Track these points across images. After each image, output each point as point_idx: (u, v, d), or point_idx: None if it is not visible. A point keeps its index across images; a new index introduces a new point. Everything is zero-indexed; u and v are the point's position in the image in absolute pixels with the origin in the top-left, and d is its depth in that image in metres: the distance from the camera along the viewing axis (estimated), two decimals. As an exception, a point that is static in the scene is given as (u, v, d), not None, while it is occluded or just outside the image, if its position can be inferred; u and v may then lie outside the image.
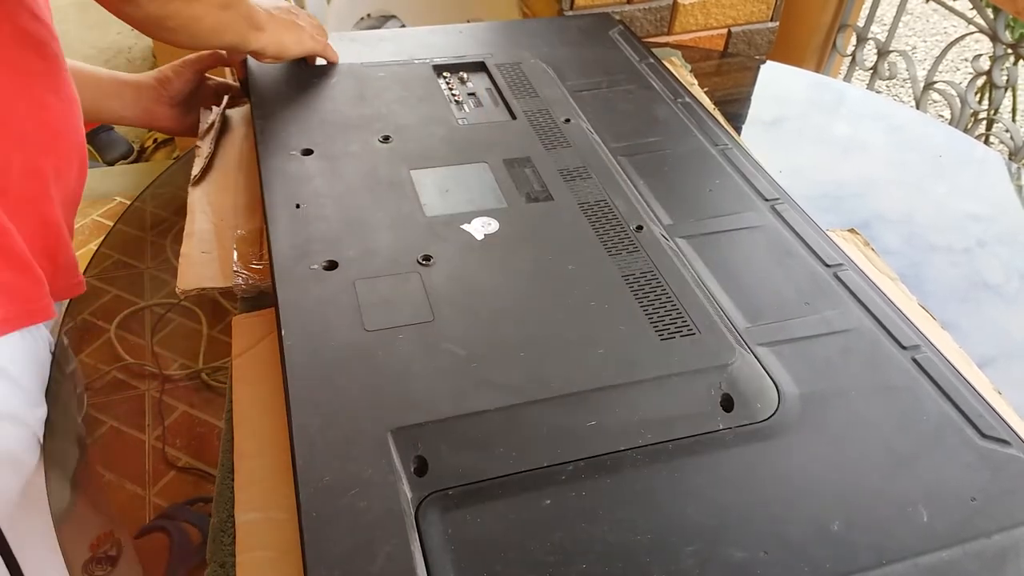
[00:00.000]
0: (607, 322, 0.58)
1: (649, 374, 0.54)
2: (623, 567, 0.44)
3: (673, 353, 0.55)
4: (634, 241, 0.65)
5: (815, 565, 0.44)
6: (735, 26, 1.33)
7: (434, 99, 0.83)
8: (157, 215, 1.01)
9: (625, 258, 0.63)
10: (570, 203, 0.69)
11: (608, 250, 0.64)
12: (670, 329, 0.57)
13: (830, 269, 0.64)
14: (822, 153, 0.99)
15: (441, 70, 0.89)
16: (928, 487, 0.49)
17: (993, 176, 0.99)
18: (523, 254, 0.63)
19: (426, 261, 0.62)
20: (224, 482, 0.57)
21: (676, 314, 0.58)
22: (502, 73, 0.88)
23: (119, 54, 2.60)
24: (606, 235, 0.65)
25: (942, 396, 0.55)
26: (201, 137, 0.86)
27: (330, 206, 0.67)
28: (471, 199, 0.69)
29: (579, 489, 0.48)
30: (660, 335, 0.57)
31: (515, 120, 0.80)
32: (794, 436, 0.52)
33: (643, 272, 0.62)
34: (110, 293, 0.83)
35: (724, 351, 0.56)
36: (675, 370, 0.54)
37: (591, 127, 0.80)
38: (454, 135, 0.77)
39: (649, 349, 0.56)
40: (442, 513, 0.46)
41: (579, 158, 0.74)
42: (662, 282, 0.61)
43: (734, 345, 0.56)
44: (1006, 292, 0.80)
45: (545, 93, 0.84)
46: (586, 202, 0.69)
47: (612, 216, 0.67)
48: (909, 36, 2.93)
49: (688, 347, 0.56)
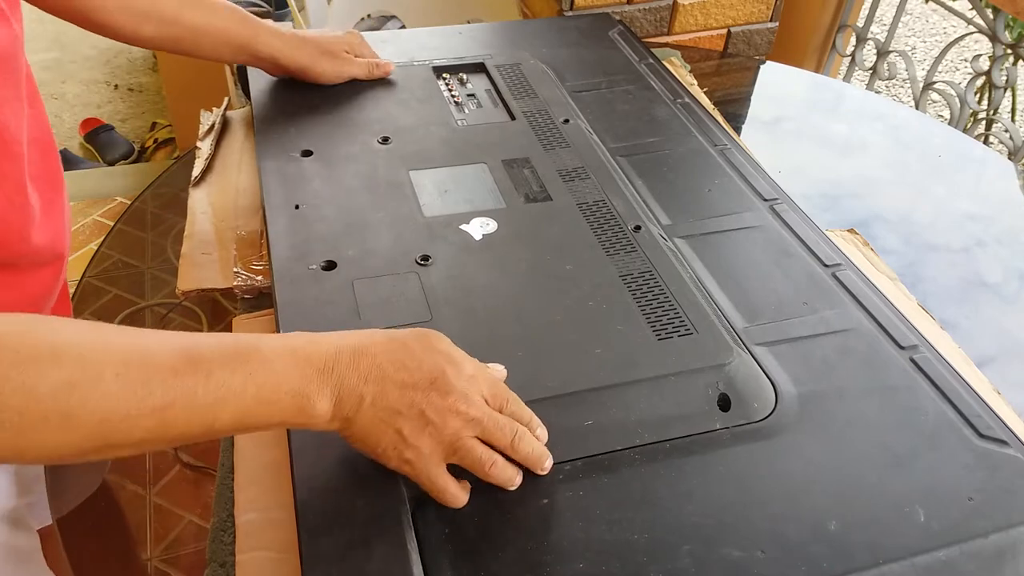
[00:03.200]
0: (605, 322, 0.58)
1: (646, 374, 0.54)
2: (620, 567, 0.44)
3: (670, 353, 0.55)
4: (632, 241, 0.65)
5: (812, 565, 0.45)
6: (735, 26, 1.34)
7: (433, 100, 0.83)
8: (157, 215, 1.01)
9: (623, 258, 0.63)
10: (568, 203, 0.69)
11: (606, 250, 0.64)
12: (667, 329, 0.57)
13: (828, 269, 0.65)
14: (821, 153, 0.99)
15: (440, 71, 0.89)
16: (925, 487, 0.49)
17: (992, 176, 0.99)
18: (521, 254, 0.64)
19: (424, 261, 0.62)
20: (224, 482, 0.57)
21: (674, 314, 0.58)
22: (501, 74, 0.88)
23: (120, 54, 2.61)
24: (604, 235, 0.66)
25: (940, 396, 0.55)
26: (201, 138, 0.86)
27: (329, 207, 0.67)
28: (470, 199, 0.69)
29: (576, 489, 0.48)
30: (658, 335, 0.57)
31: (514, 121, 0.80)
32: (792, 436, 0.52)
33: (641, 272, 0.62)
34: (111, 293, 0.84)
35: (721, 351, 0.56)
36: (672, 370, 0.54)
37: (590, 127, 0.80)
38: (453, 136, 0.78)
39: (646, 349, 0.56)
40: (439, 512, 0.46)
41: (578, 158, 0.75)
42: (660, 282, 0.61)
43: (731, 345, 0.56)
44: (1005, 292, 0.80)
45: (544, 94, 0.84)
46: (584, 202, 0.69)
47: (610, 216, 0.68)
48: (909, 36, 2.93)
49: (685, 347, 0.56)
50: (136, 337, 0.41)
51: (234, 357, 0.42)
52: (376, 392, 0.44)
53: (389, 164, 0.73)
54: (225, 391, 0.40)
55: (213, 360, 0.41)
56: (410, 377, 0.44)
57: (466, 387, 0.45)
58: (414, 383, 0.44)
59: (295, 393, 0.42)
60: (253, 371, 0.41)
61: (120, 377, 0.38)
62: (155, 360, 0.40)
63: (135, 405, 0.38)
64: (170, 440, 0.41)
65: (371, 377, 0.44)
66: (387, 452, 0.45)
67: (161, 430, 0.39)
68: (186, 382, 0.40)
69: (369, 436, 0.45)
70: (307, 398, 0.42)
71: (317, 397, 0.43)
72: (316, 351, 0.43)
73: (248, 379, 0.41)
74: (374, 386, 0.44)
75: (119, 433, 0.39)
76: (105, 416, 0.38)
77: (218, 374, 0.40)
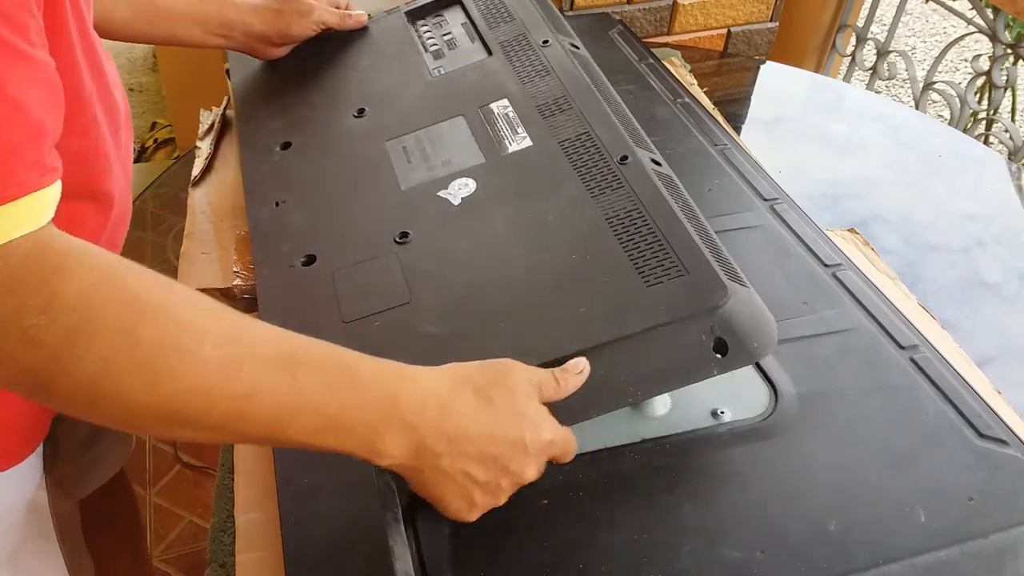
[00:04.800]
0: (590, 276, 0.53)
1: (636, 327, 0.49)
2: (620, 567, 0.44)
3: (660, 300, 0.50)
4: (618, 176, 0.58)
5: (812, 565, 0.45)
6: (735, 26, 1.33)
7: (407, 54, 0.79)
8: (157, 215, 1.01)
9: (609, 197, 0.57)
10: (549, 144, 0.63)
11: (591, 191, 0.58)
12: (657, 273, 0.51)
13: (828, 269, 0.65)
14: (821, 153, 0.99)
15: (414, 17, 0.84)
16: (926, 487, 0.49)
17: (992, 176, 0.99)
18: (500, 213, 0.60)
19: (403, 239, 0.59)
20: (224, 482, 0.57)
21: (664, 255, 0.52)
22: (476, 4, 0.82)
23: (120, 53, 2.61)
24: (588, 173, 0.60)
25: (940, 396, 0.55)
26: (201, 138, 0.86)
27: (308, 199, 0.66)
28: (448, 160, 0.65)
29: (576, 489, 0.48)
30: (647, 281, 0.51)
31: (491, 56, 0.74)
32: (792, 436, 0.52)
33: (628, 211, 0.56)
34: (110, 293, 0.83)
35: (715, 291, 0.50)
36: (664, 319, 0.49)
37: (571, 47, 0.74)
38: (429, 91, 0.73)
39: (635, 300, 0.51)
40: (439, 512, 0.46)
41: (558, 86, 0.68)
42: (648, 219, 0.55)
43: (725, 282, 0.50)
44: (1005, 292, 0.80)
45: (521, 14, 0.77)
46: (567, 139, 0.63)
47: (595, 150, 0.61)
48: (909, 36, 2.93)
49: (676, 291, 0.50)
50: (242, 319, 0.41)
51: (330, 367, 0.41)
52: (455, 453, 0.43)
53: (366, 140, 0.70)
54: (307, 399, 0.40)
55: (310, 366, 0.40)
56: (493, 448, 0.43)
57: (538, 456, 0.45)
58: (494, 456, 0.43)
59: (373, 430, 0.41)
60: (343, 388, 0.41)
61: (217, 349, 0.38)
62: (256, 347, 0.39)
63: (222, 383, 0.38)
64: (238, 434, 0.41)
65: (453, 437, 0.43)
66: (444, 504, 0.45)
67: (236, 420, 0.39)
68: (277, 377, 0.39)
69: (435, 487, 0.44)
70: (382, 438, 0.41)
71: (392, 442, 0.42)
72: (406, 393, 0.42)
73: (334, 395, 0.40)
74: (454, 447, 0.43)
75: (196, 408, 0.38)
76: (191, 386, 0.37)
77: (306, 379, 0.40)
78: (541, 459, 0.45)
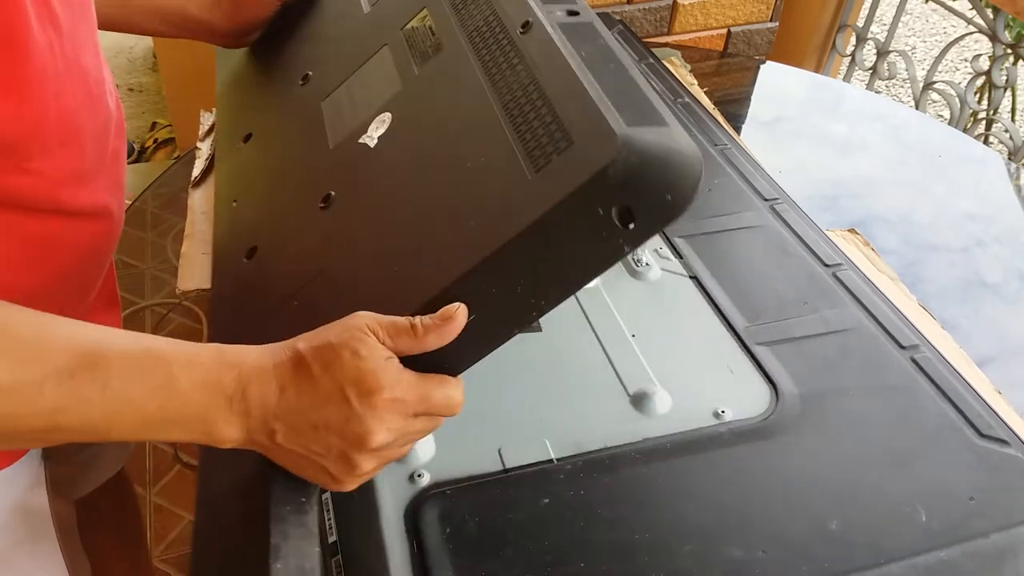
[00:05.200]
0: (483, 181, 0.46)
1: (523, 223, 0.41)
2: (620, 567, 0.44)
3: (548, 182, 0.41)
4: (518, 49, 0.49)
5: (813, 564, 0.45)
6: (735, 26, 1.34)
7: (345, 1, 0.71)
8: (157, 215, 1.01)
9: (507, 78, 0.48)
10: (456, 43, 0.55)
11: (492, 79, 0.49)
12: (546, 151, 0.42)
13: (829, 269, 0.65)
14: (821, 153, 0.99)
15: None
16: (926, 486, 0.49)
17: (992, 176, 0.99)
18: (409, 142, 0.54)
19: (326, 203, 0.55)
20: (224, 482, 0.57)
21: (553, 126, 0.43)
22: None
23: (120, 53, 2.61)
24: (490, 58, 0.51)
25: (941, 396, 0.55)
26: (201, 138, 0.86)
27: (257, 192, 0.64)
28: (370, 100, 0.59)
29: (577, 488, 0.48)
30: (536, 165, 0.42)
31: None
32: (792, 435, 0.52)
33: (523, 88, 0.46)
34: (110, 293, 0.83)
35: (603, 148, 0.40)
36: (545, 207, 0.40)
37: None
38: (360, 28, 0.67)
39: (522, 192, 0.42)
40: (439, 512, 0.46)
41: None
42: (541, 91, 0.45)
43: (614, 130, 0.40)
44: (1005, 292, 0.80)
45: None
46: (474, 28, 0.54)
47: (498, 27, 0.52)
48: (908, 36, 2.93)
49: (564, 167, 0.41)
50: (40, 330, 0.38)
51: (140, 367, 0.39)
52: (286, 429, 0.41)
53: (305, 107, 0.66)
54: (122, 404, 0.38)
55: (114, 367, 0.38)
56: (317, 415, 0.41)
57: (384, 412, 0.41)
58: (325, 424, 0.41)
59: (202, 419, 0.40)
60: (158, 388, 0.39)
61: (13, 373, 0.36)
62: (57, 360, 0.37)
63: (25, 405, 0.36)
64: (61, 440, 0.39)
65: (279, 414, 0.41)
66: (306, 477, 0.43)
67: (50, 431, 0.38)
68: (82, 389, 0.37)
69: (287, 462, 0.43)
70: (213, 424, 0.40)
71: (224, 426, 0.40)
72: (227, 379, 0.40)
73: (151, 396, 0.39)
74: (283, 423, 0.41)
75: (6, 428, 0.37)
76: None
77: (117, 385, 0.38)
78: (389, 415, 0.41)
